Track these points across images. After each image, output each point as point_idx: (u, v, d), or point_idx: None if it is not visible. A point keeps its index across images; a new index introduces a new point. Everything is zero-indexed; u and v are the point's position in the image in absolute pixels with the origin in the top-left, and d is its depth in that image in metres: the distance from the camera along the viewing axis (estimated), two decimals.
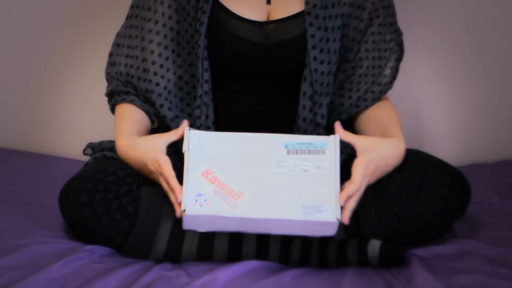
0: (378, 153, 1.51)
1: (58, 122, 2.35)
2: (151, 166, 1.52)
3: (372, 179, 1.51)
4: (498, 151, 2.27)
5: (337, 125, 1.52)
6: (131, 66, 1.69)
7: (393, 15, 1.72)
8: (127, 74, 1.68)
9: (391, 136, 1.58)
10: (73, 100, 2.32)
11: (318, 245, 1.53)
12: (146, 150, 1.54)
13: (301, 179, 1.49)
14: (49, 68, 2.33)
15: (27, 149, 2.34)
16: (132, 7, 1.73)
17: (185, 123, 1.54)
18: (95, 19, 2.28)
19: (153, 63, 1.67)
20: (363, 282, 1.41)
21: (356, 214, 1.53)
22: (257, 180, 1.49)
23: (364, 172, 1.48)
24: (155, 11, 1.69)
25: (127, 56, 1.70)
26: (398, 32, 1.72)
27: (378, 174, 1.52)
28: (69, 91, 2.32)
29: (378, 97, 1.69)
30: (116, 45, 1.73)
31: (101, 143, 1.71)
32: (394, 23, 1.72)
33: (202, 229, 1.50)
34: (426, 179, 1.54)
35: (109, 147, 1.68)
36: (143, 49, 1.68)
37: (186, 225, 1.49)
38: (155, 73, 1.67)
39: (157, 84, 1.67)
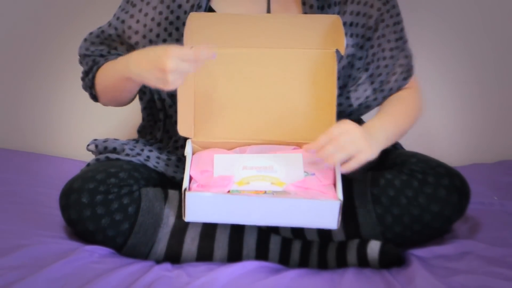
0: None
1: (58, 122, 2.35)
2: (160, 50, 1.48)
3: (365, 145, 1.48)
4: (498, 151, 2.27)
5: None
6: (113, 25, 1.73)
7: (398, 14, 1.71)
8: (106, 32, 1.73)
9: (370, 126, 1.56)
10: (74, 100, 2.32)
11: (318, 246, 1.53)
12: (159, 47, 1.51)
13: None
14: (50, 68, 2.33)
15: (27, 149, 2.34)
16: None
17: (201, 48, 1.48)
18: (99, 19, 2.27)
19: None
20: (363, 283, 1.41)
21: (355, 216, 1.53)
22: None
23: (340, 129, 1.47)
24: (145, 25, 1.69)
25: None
26: (403, 30, 1.71)
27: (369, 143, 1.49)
28: (70, 91, 2.32)
29: (388, 95, 1.70)
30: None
31: (105, 140, 1.70)
32: (398, 22, 1.70)
33: (203, 216, 1.48)
34: (425, 181, 1.54)
35: (113, 146, 1.68)
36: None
37: (189, 209, 1.47)
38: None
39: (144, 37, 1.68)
